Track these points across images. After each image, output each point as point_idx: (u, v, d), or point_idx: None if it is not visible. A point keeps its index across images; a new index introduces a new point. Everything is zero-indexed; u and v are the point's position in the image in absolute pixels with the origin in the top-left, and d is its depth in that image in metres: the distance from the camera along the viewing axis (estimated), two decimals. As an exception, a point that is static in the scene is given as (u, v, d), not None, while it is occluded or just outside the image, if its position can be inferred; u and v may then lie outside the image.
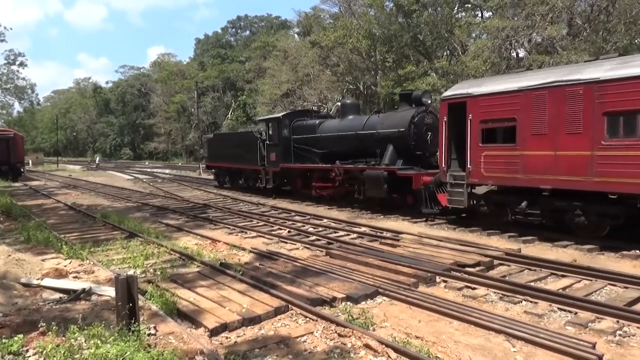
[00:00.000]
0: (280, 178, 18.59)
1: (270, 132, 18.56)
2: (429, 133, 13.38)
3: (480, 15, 36.95)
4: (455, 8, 35.92)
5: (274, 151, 18.24)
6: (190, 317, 5.46)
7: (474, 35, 36.00)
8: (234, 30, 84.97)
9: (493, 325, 5.14)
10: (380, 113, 16.12)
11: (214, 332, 5.06)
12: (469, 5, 37.09)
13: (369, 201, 14.50)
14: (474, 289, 6.60)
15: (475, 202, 11.19)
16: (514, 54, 28.54)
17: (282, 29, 69.56)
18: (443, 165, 11.46)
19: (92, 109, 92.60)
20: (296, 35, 59.91)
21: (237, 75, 64.66)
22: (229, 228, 11.96)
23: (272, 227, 12.01)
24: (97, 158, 53.87)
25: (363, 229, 11.27)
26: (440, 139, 11.58)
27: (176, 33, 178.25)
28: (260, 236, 10.88)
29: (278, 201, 17.48)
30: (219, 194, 20.83)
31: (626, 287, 6.47)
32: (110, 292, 5.94)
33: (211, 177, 27.22)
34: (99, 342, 4.23)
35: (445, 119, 11.40)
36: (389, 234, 10.39)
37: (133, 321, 4.50)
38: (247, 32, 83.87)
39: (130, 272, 7.12)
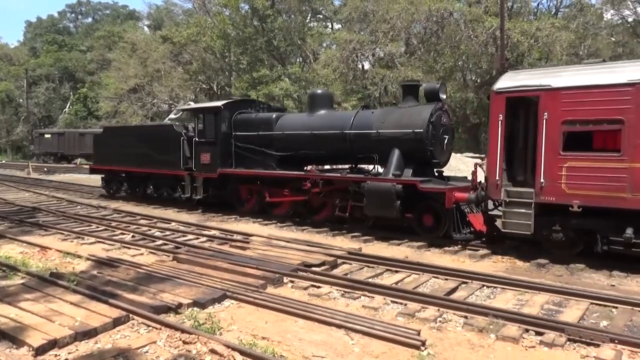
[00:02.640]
0: (216, 187, 14.15)
1: (203, 126, 14.15)
2: (446, 136, 10.88)
3: (330, 26, 38.97)
4: (308, 17, 37.37)
5: (209, 151, 13.84)
6: (10, 336, 4.84)
7: (324, 44, 37.81)
8: (73, 15, 77.41)
9: (334, 321, 5.46)
10: (368, 108, 12.97)
11: (40, 351, 4.56)
12: (321, 17, 38.87)
13: (360, 222, 11.27)
14: (318, 287, 6.93)
15: (544, 226, 8.49)
16: (360, 66, 30.66)
17: (130, 19, 65.30)
18: (496, 178, 8.75)
19: None
20: (146, 28, 56.70)
21: (76, 65, 58.89)
22: (63, 234, 10.83)
23: (114, 231, 11.18)
24: None
25: (213, 232, 11.11)
26: (491, 144, 8.94)
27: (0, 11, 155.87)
28: (99, 242, 10.07)
29: (122, 204, 16.17)
30: (52, 196, 18.58)
31: (446, 279, 7.36)
32: None
33: (44, 177, 24.23)
34: None
35: (501, 118, 8.73)
36: (239, 237, 10.39)
37: None
38: (90, 19, 77.02)
39: None
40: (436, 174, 11.25)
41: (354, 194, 10.95)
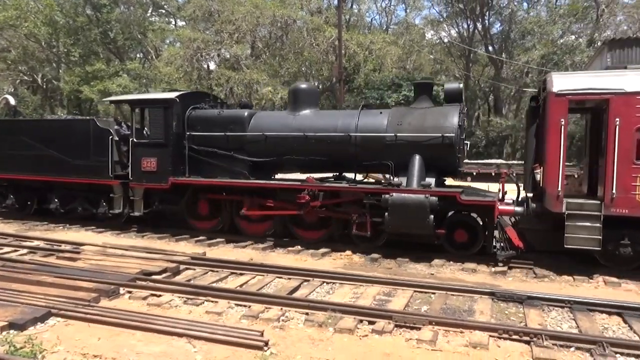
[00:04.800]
0: (165, 201, 11.25)
1: (145, 123, 11.52)
2: (467, 142, 10.00)
3: (174, 23, 37.47)
4: (149, 11, 35.44)
5: (154, 156, 10.89)
6: None
7: (167, 41, 36.23)
8: None
9: (175, 330, 5.27)
10: (370, 107, 11.25)
11: None
12: (163, 11, 37.16)
13: (368, 240, 9.67)
14: (159, 296, 6.62)
15: (610, 240, 7.97)
16: (205, 66, 30.05)
17: None
18: (558, 189, 8.03)
19: None
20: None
21: None
22: None
23: None
24: None
25: (36, 243, 9.89)
26: (550, 152, 8.15)
27: None
28: None
29: None
30: None
31: (290, 278, 7.60)
32: None
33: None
34: None
35: (562, 122, 8.01)
36: (68, 247, 9.42)
37: None
38: None
39: None
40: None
41: (370, 207, 9.35)
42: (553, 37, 31.38)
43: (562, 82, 8.20)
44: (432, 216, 8.66)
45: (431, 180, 9.17)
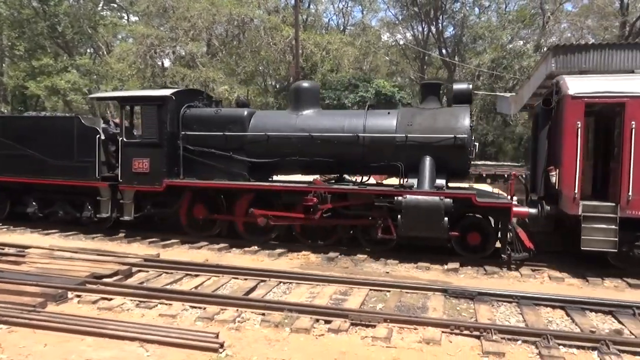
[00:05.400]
0: (158, 204, 10.66)
1: (137, 122, 10.88)
2: (476, 143, 9.75)
3: (126, 18, 36.43)
4: (100, 5, 34.29)
5: (147, 156, 10.32)
6: None
7: (120, 37, 35.21)
8: None
9: (128, 334, 5.14)
10: (375, 107, 10.74)
11: None
12: (115, 5, 36.05)
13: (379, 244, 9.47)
14: (110, 299, 6.42)
15: (625, 242, 8.07)
16: (160, 63, 29.38)
17: None
18: (574, 191, 8.06)
19: None
20: None
21: None
22: None
23: None
24: None
25: (-23, 246, 9.38)
26: (566, 154, 8.19)
27: None
28: None
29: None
30: None
31: (246, 279, 7.55)
32: None
33: None
34: None
35: (579, 125, 8.05)
36: (12, 250, 8.98)
37: None
38: None
39: None
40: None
41: (382, 210, 9.12)
42: (502, 42, 32.58)
43: (577, 85, 8.27)
44: (446, 219, 8.55)
45: (442, 183, 8.98)
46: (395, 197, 8.84)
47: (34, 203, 11.39)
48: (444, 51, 36.34)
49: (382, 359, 4.90)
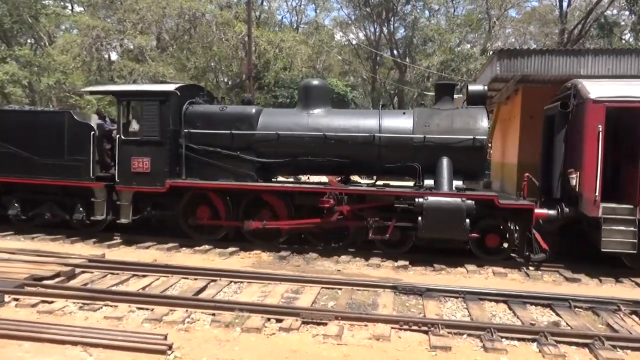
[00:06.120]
0: (159, 206, 10.14)
1: (142, 118, 10.10)
2: (490, 144, 9.79)
3: (71, 8, 34.86)
4: (42, -7, 32.59)
5: (148, 155, 9.75)
6: None
7: (63, 27, 33.68)
8: None
9: (69, 338, 4.93)
10: (386, 108, 10.19)
11: None
12: (58, -6, 34.39)
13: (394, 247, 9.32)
14: (51, 302, 6.15)
15: None
16: (107, 56, 28.33)
17: None
18: (595, 194, 8.14)
19: None
20: None
21: None
22: None
23: None
24: None
25: None
26: (587, 157, 8.26)
27: None
28: None
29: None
30: None
31: (196, 279, 7.41)
32: None
33: None
34: None
35: (600, 128, 8.14)
36: (-58, 252, 8.43)
37: None
38: None
39: None
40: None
41: (400, 212, 8.93)
42: (451, 45, 33.51)
43: (598, 89, 8.43)
44: (468, 220, 8.49)
45: (458, 184, 9.01)
46: (416, 199, 8.69)
47: (16, 205, 10.47)
48: (395, 52, 36.98)
49: (333, 356, 4.94)
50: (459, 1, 36.56)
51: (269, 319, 5.73)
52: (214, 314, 5.85)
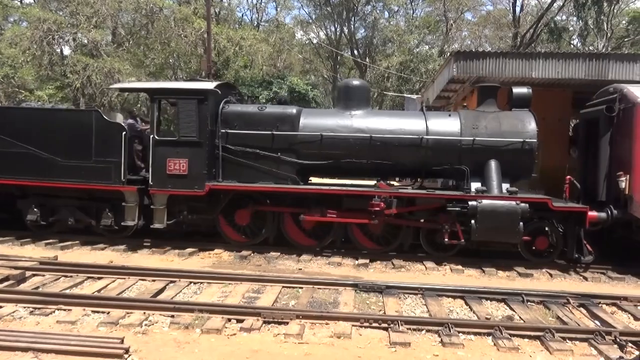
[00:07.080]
0: (195, 210, 9.59)
1: (179, 117, 9.40)
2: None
3: (19, -1, 33.38)
4: (-13, -17, 31.06)
5: (185, 156, 9.22)
6: None
7: (11, 20, 32.19)
8: None
9: (19, 344, 4.72)
10: (429, 110, 9.84)
11: None
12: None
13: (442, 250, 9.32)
14: (-1, 307, 5.88)
15: None
16: (59, 50, 27.25)
17: None
18: None
19: None
20: None
21: None
22: None
23: None
24: None
25: None
26: (637, 160, 8.39)
27: None
28: None
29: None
30: None
31: (154, 280, 7.24)
32: None
33: None
34: None
35: None
36: None
37: None
38: None
39: None
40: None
41: (455, 216, 8.83)
42: (410, 46, 34.12)
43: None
44: (521, 223, 8.48)
45: (508, 186, 8.98)
46: (469, 202, 8.64)
47: (35, 209, 9.76)
48: (355, 52, 37.32)
49: (294, 355, 4.95)
50: (418, 3, 37.30)
51: (229, 320, 5.68)
52: (172, 316, 5.74)
